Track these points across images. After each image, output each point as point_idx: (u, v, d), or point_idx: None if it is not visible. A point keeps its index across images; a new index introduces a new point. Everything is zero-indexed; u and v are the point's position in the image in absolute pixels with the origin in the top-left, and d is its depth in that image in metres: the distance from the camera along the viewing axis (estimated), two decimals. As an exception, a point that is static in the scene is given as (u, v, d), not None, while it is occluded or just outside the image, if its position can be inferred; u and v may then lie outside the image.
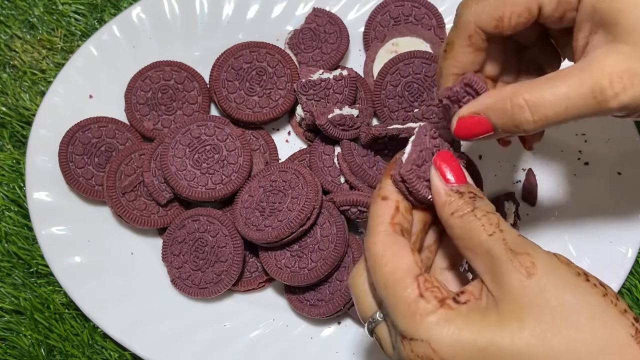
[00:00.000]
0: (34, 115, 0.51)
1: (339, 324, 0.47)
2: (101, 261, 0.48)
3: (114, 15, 0.55)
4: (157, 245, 0.48)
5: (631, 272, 0.47)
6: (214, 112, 0.52)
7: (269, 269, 0.45)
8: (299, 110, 0.50)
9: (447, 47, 0.35)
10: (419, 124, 0.46)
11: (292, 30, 0.52)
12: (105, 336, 0.48)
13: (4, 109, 0.53)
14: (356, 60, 0.53)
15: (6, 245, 0.50)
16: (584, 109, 0.31)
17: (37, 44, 0.55)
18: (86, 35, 0.55)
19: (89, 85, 0.51)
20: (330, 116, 0.47)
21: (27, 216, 0.50)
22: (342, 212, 0.46)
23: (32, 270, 0.50)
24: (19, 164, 0.52)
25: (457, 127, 0.34)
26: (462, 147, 0.49)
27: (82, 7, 0.56)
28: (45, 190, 0.49)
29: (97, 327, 0.47)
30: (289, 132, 0.52)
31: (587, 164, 0.49)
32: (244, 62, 0.50)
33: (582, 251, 0.47)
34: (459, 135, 0.34)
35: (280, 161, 0.50)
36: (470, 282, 0.30)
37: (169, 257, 0.47)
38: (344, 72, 0.49)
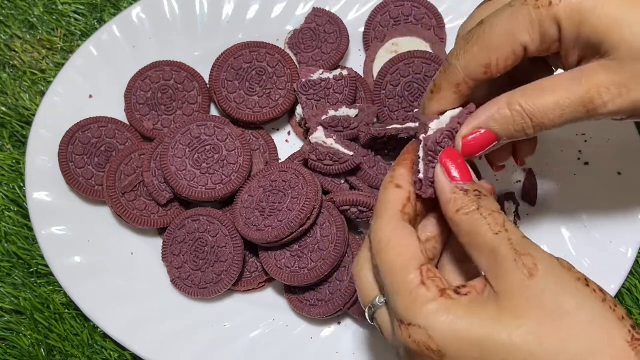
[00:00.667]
0: (34, 115, 0.51)
1: (339, 324, 0.47)
2: (101, 261, 0.48)
3: (114, 15, 0.55)
4: (157, 245, 0.48)
5: (631, 272, 0.47)
6: (214, 112, 0.52)
7: (269, 269, 0.45)
8: (299, 110, 0.50)
9: (435, 89, 0.36)
10: (417, 123, 0.46)
11: (292, 30, 0.52)
12: (105, 336, 0.48)
13: (3, 109, 0.53)
14: (356, 60, 0.53)
15: (6, 245, 0.50)
16: (576, 115, 0.32)
17: (37, 44, 0.55)
18: (86, 35, 0.55)
19: (89, 85, 0.51)
20: (322, 118, 0.47)
21: (27, 216, 0.50)
22: (342, 212, 0.46)
23: (32, 270, 0.50)
24: (19, 164, 0.52)
25: (463, 147, 0.34)
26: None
27: (82, 7, 0.56)
28: (45, 190, 0.49)
29: (97, 327, 0.47)
30: (289, 132, 0.52)
31: (587, 164, 0.49)
32: (244, 62, 0.50)
33: (582, 251, 0.47)
34: (466, 153, 0.34)
35: (280, 161, 0.50)
36: (474, 279, 0.31)
37: (169, 257, 0.47)
38: (344, 72, 0.49)
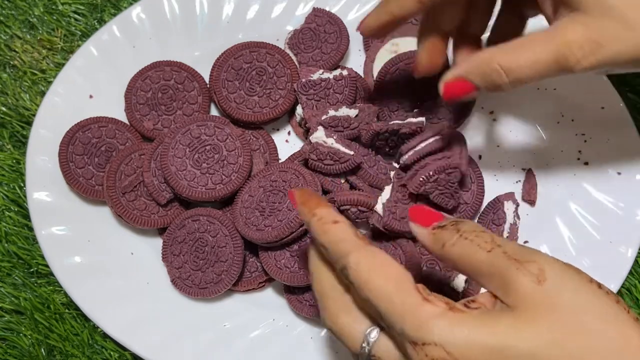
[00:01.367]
0: (34, 115, 0.51)
1: (339, 324, 0.47)
2: (101, 261, 0.48)
3: (114, 15, 0.55)
4: (157, 245, 0.48)
5: (631, 272, 0.47)
6: (214, 112, 0.52)
7: (269, 269, 0.45)
8: (299, 110, 0.50)
9: None
10: (419, 119, 0.47)
11: (292, 30, 0.52)
12: (105, 336, 0.48)
13: (4, 109, 0.53)
14: (356, 60, 0.53)
15: (6, 245, 0.50)
16: (552, 71, 0.34)
17: (37, 44, 0.55)
18: (86, 35, 0.55)
19: (89, 85, 0.51)
20: (322, 118, 0.47)
21: (27, 216, 0.50)
22: (342, 212, 0.46)
23: (32, 270, 0.50)
24: (19, 164, 0.52)
25: (444, 91, 0.38)
26: (466, 141, 0.50)
27: (82, 7, 0.56)
28: (45, 190, 0.49)
29: (97, 327, 0.48)
30: (289, 132, 0.52)
31: (587, 164, 0.49)
32: (243, 62, 0.50)
33: (582, 251, 0.47)
34: (447, 97, 0.38)
35: (280, 161, 0.50)
36: (479, 294, 0.30)
37: (169, 257, 0.47)
38: (344, 72, 0.49)
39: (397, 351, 0.30)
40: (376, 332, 0.31)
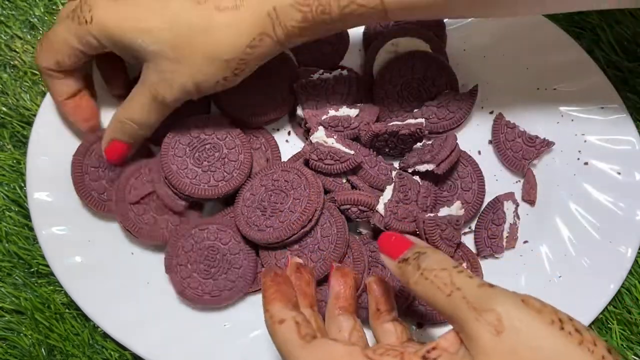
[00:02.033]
0: (35, 115, 0.51)
1: (339, 323, 0.47)
2: (101, 261, 0.48)
3: (115, 15, 0.55)
4: (157, 245, 0.48)
5: (631, 272, 0.47)
6: (214, 110, 0.52)
7: (269, 269, 0.45)
8: (299, 110, 0.50)
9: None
10: (418, 120, 0.47)
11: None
12: (105, 336, 0.48)
13: (4, 109, 0.53)
14: (356, 60, 0.53)
15: (7, 245, 0.50)
16: (150, 106, 0.43)
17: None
18: (86, 35, 0.55)
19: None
20: (322, 118, 0.47)
21: (27, 216, 0.50)
22: (342, 211, 0.46)
23: (32, 270, 0.50)
24: (20, 164, 0.52)
25: (108, 158, 0.46)
26: (467, 140, 0.50)
27: (82, 8, 0.56)
28: (45, 190, 0.49)
29: (98, 327, 0.48)
30: (289, 132, 0.52)
31: (586, 164, 0.49)
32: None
33: (582, 251, 0.47)
34: (112, 161, 0.46)
35: (282, 161, 0.50)
36: (443, 335, 0.30)
37: (174, 268, 0.46)
38: (344, 72, 0.49)
39: None
40: None
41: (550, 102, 0.51)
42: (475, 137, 0.51)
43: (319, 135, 0.46)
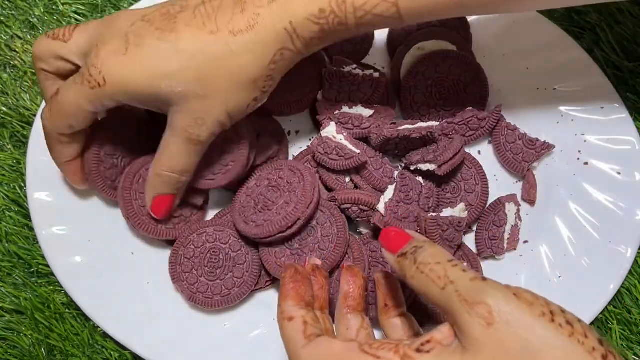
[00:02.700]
0: (35, 115, 0.51)
1: (339, 323, 0.47)
2: (101, 261, 0.48)
3: (115, 15, 0.55)
4: (158, 245, 0.48)
5: (631, 272, 0.47)
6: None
7: (269, 267, 0.45)
8: (319, 95, 0.50)
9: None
10: (429, 123, 0.47)
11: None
12: (105, 336, 0.48)
13: (4, 109, 0.53)
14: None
15: (7, 245, 0.50)
16: (194, 149, 0.42)
17: (38, 44, 0.55)
18: (86, 35, 0.55)
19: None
20: (335, 112, 0.47)
21: (27, 216, 0.50)
22: (343, 211, 0.46)
23: (32, 270, 0.50)
24: (20, 164, 0.52)
25: (154, 212, 0.45)
26: (468, 141, 0.50)
27: (82, 8, 0.56)
28: (45, 190, 0.49)
29: (98, 327, 0.48)
30: (297, 132, 0.52)
31: (586, 164, 0.49)
32: None
33: (582, 251, 0.47)
34: (158, 214, 0.45)
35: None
36: (438, 327, 0.30)
37: (180, 277, 0.46)
38: (376, 74, 0.49)
39: None
40: None
41: (550, 102, 0.51)
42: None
43: (330, 130, 0.46)
